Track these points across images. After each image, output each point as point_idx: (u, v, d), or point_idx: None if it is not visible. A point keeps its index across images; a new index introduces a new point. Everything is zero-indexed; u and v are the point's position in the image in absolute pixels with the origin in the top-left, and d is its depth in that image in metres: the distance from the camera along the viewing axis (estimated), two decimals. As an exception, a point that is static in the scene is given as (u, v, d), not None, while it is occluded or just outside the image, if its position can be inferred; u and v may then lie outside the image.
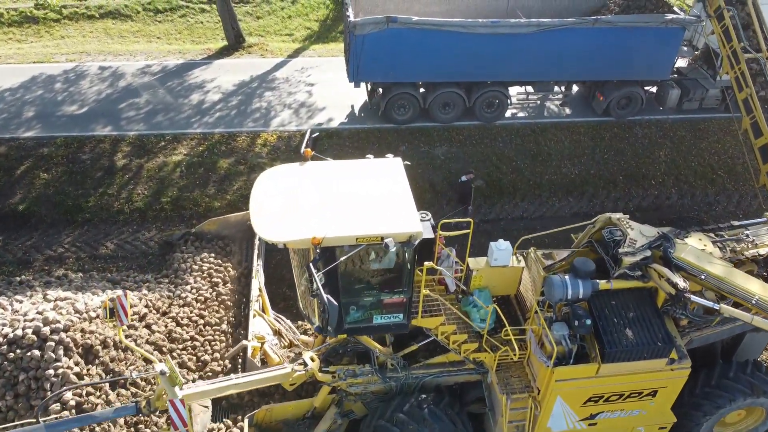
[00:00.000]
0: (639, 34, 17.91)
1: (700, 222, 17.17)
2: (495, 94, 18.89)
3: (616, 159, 18.51)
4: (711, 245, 10.22)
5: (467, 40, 17.48)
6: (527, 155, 18.42)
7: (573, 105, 20.63)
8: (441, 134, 18.98)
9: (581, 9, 20.16)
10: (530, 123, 19.63)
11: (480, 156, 18.31)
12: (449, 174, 17.77)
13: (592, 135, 19.22)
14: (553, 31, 17.56)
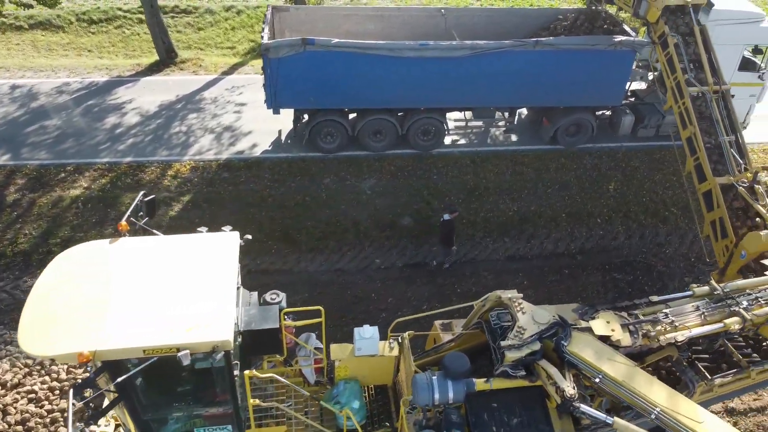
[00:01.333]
0: (585, 57, 16.33)
1: (647, 267, 15.59)
2: (430, 121, 17.31)
3: (560, 193, 16.92)
4: (620, 329, 8.63)
5: (394, 64, 15.88)
6: (463, 189, 16.83)
7: (521, 132, 19.05)
8: (371, 165, 17.39)
9: (531, 28, 18.54)
10: (470, 152, 18.05)
11: (411, 190, 16.71)
12: (375, 211, 16.18)
13: (536, 166, 17.63)
14: (489, 54, 15.97)
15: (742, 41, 16.82)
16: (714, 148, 12.69)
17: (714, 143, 12.67)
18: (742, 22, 16.60)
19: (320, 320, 8.11)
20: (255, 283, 14.49)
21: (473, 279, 14.99)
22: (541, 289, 14.80)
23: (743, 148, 12.77)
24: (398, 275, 15.10)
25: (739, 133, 12.88)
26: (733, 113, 13.00)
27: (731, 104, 13.07)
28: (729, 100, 13.10)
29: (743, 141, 12.82)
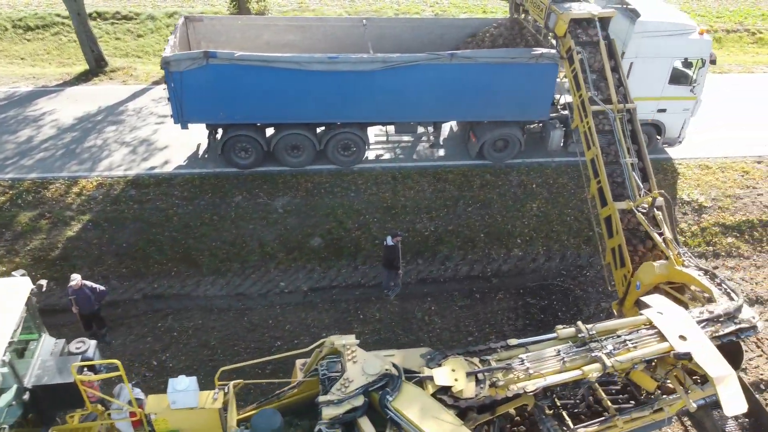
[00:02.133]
0: (505, 71, 15.64)
1: (564, 291, 14.89)
2: (349, 136, 16.63)
3: (481, 212, 16.23)
4: (464, 378, 7.96)
5: (303, 78, 15.19)
6: (379, 208, 16.14)
7: (449, 146, 18.37)
8: (287, 181, 16.70)
9: (457, 38, 17.86)
10: (393, 168, 17.35)
11: (325, 209, 16.02)
12: (284, 231, 15.49)
13: (459, 182, 16.93)
14: (403, 68, 15.28)
15: (671, 54, 16.12)
16: (617, 170, 12.01)
17: (617, 165, 11.98)
18: (670, 35, 15.91)
19: (117, 374, 7.42)
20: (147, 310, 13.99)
21: (378, 304, 14.31)
22: (449, 315, 14.11)
23: (648, 170, 12.08)
24: (301, 300, 14.42)
25: (644, 154, 12.18)
26: (639, 133, 12.30)
27: (637, 124, 12.37)
28: (635, 120, 12.40)
29: (648, 163, 12.13)
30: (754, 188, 17.24)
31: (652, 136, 17.64)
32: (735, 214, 16.52)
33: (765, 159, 18.29)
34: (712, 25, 27.42)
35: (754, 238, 16.13)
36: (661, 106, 16.96)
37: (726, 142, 18.95)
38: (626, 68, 16.15)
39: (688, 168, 17.82)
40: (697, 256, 15.77)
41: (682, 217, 16.41)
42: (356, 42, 17.45)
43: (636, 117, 12.42)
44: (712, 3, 30.49)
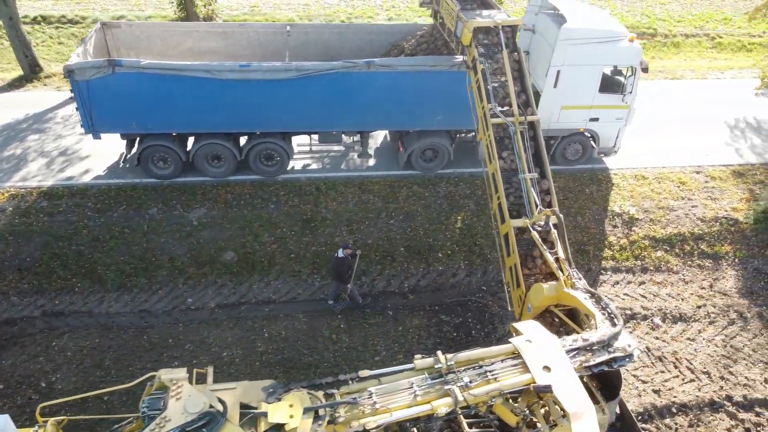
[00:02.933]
0: (427, 79, 15.15)
1: (481, 308, 14.36)
2: (270, 146, 16.14)
3: (404, 225, 15.72)
4: (299, 415, 7.44)
5: (217, 87, 14.71)
6: (298, 220, 15.64)
7: (380, 155, 17.88)
8: (207, 192, 16.20)
9: (385, 44, 17.36)
10: (318, 178, 16.86)
11: (241, 221, 15.52)
12: (197, 245, 14.99)
13: (385, 194, 16.44)
14: (319, 77, 14.79)
15: (600, 62, 15.63)
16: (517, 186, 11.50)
17: (516, 181, 11.48)
18: (599, 41, 15.41)
19: None
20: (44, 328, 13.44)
21: (286, 321, 13.79)
22: (358, 333, 13.60)
23: (550, 186, 11.57)
24: (207, 318, 13.91)
25: (546, 169, 11.67)
26: (542, 147, 11.79)
27: (540, 137, 11.86)
28: (538, 133, 11.89)
29: (550, 178, 11.61)
30: (689, 200, 16.74)
31: (586, 145, 17.16)
32: (666, 227, 16.01)
33: (704, 169, 17.79)
34: (671, 29, 26.96)
35: (684, 252, 15.63)
36: (593, 115, 16.47)
37: (667, 151, 18.47)
38: (554, 76, 15.72)
39: (623, 178, 17.32)
40: (625, 270, 15.29)
41: (611, 230, 15.91)
42: (280, 49, 16.98)
43: (539, 130, 11.90)
44: (676, 7, 30.01)
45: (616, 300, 14.56)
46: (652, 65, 24.75)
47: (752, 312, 14.40)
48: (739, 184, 17.26)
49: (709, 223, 16.13)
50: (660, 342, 13.67)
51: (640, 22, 27.29)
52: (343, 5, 28.07)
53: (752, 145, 18.95)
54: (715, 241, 15.82)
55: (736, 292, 14.91)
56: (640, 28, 26.74)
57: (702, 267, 15.43)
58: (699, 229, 15.99)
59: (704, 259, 15.58)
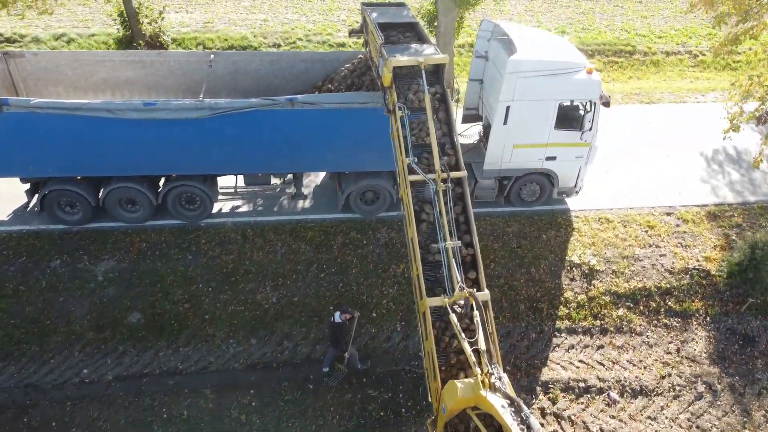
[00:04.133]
0: (358, 117, 13.48)
1: (415, 380, 12.67)
2: (189, 189, 14.49)
3: (336, 278, 14.06)
4: None
5: (123, 127, 13.05)
6: (218, 274, 13.97)
7: (319, 195, 16.21)
8: (119, 241, 14.54)
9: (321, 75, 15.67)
10: (246, 223, 15.18)
11: (153, 275, 13.86)
12: (100, 304, 13.33)
13: (319, 241, 14.77)
14: (237, 115, 13.14)
15: (554, 96, 13.96)
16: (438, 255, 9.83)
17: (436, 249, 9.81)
18: (551, 74, 13.75)
19: None
20: None
21: (191, 399, 12.11)
22: (271, 412, 11.92)
23: (476, 258, 9.88)
24: (102, 393, 12.23)
25: (473, 235, 10.00)
26: (468, 209, 10.12)
27: (467, 197, 10.19)
28: (465, 192, 10.22)
29: (477, 247, 9.93)
30: (657, 247, 15.06)
31: (544, 186, 15.49)
32: (630, 280, 14.33)
33: (675, 210, 16.11)
34: (651, 46, 25.29)
35: (649, 310, 13.95)
36: (549, 153, 14.79)
37: (636, 189, 16.79)
38: (503, 113, 14.06)
39: (585, 222, 15.64)
40: (582, 332, 13.62)
41: (569, 283, 14.22)
42: (204, 79, 15.33)
43: (466, 188, 10.24)
44: (658, 21, 28.33)
45: (570, 369, 12.88)
46: (629, 86, 23.12)
47: (723, 383, 12.73)
48: (714, 228, 15.58)
49: (678, 275, 14.45)
50: (616, 422, 12.00)
51: (618, 39, 25.63)
52: (303, 20, 26.42)
53: (730, 181, 17.27)
54: (685, 297, 14.14)
55: (706, 357, 13.23)
56: (617, 45, 25.09)
57: (669, 327, 13.75)
58: (667, 283, 14.30)
59: (671, 317, 13.90)
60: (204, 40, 24.04)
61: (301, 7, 27.90)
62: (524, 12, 28.40)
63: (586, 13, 28.75)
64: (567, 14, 28.69)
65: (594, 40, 25.33)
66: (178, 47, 23.76)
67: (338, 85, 14.63)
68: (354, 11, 27.75)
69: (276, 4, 28.16)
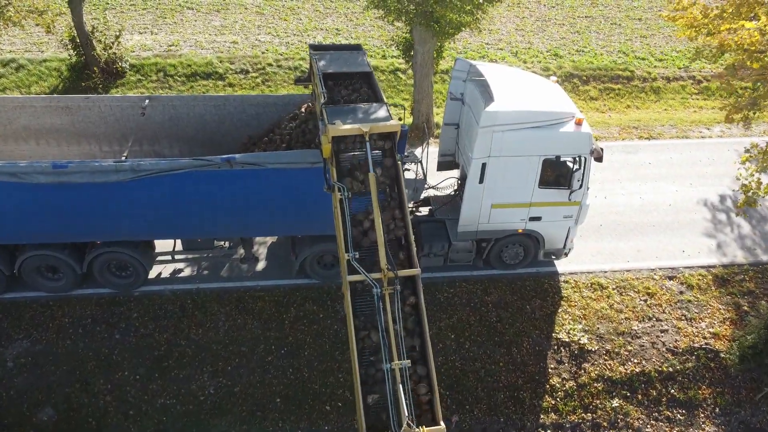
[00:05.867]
0: (308, 177, 11.45)
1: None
2: (116, 256, 12.60)
3: (286, 362, 12.13)
4: None
5: (33, 191, 11.15)
6: (148, 357, 12.06)
7: (272, 257, 14.27)
8: (37, 315, 12.64)
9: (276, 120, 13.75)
10: (187, 291, 13.28)
11: (73, 360, 11.95)
12: (7, 397, 11.42)
13: (268, 314, 12.86)
14: (165, 177, 11.22)
15: (537, 152, 12.03)
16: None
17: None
18: (534, 127, 11.84)
19: None
20: None
21: None
22: None
23: (431, 382, 7.94)
24: None
25: (428, 353, 8.07)
26: (423, 317, 8.20)
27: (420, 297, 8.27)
28: (419, 294, 8.31)
29: (432, 369, 7.99)
30: (657, 321, 13.12)
31: (529, 248, 13.56)
32: (627, 363, 12.39)
33: (678, 273, 14.15)
34: (651, 71, 23.34)
35: (649, 399, 12.01)
36: (533, 213, 12.87)
37: (633, 246, 14.82)
38: (478, 170, 12.14)
39: (576, 288, 13.69)
40: (570, 428, 11.67)
41: (555, 367, 12.29)
42: (142, 126, 13.45)
43: (419, 286, 8.32)
44: (658, 40, 26.36)
45: (555, 478, 10.97)
46: (627, 117, 21.20)
47: (736, 497, 10.81)
48: (723, 296, 13.62)
49: (682, 356, 12.50)
50: None
51: (615, 63, 23.67)
52: (276, 42, 24.50)
53: (739, 235, 15.30)
54: (690, 383, 12.20)
55: (715, 460, 11.32)
56: (614, 70, 23.15)
57: (671, 421, 11.81)
58: (669, 366, 12.36)
59: (675, 408, 11.96)
60: (165, 66, 22.17)
61: (274, 27, 25.96)
62: (515, 32, 26.45)
63: (581, 33, 26.78)
64: (561, 33, 26.72)
65: (589, 65, 23.39)
66: (137, 74, 21.90)
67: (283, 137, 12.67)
68: (331, 31, 25.87)
69: (248, 24, 26.22)
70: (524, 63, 23.74)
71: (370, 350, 8.15)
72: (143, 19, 26.36)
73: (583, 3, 29.72)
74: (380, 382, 7.94)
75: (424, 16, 16.25)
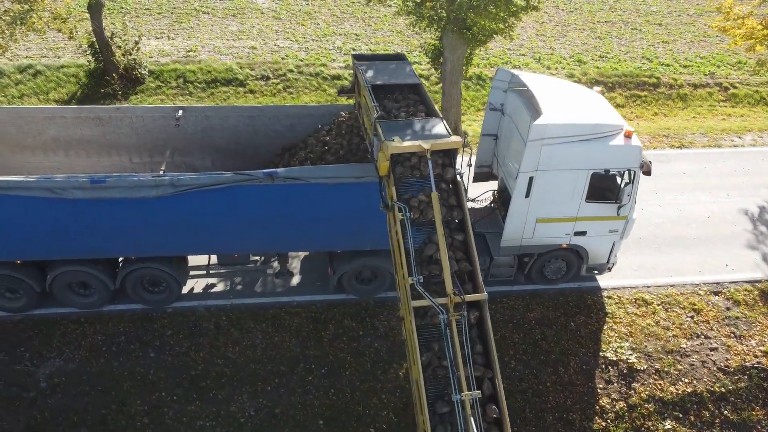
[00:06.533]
0: (351, 192, 11.18)
1: None
2: (151, 272, 12.24)
3: (327, 382, 11.75)
4: None
5: (66, 207, 10.78)
6: (185, 377, 11.68)
7: (306, 271, 13.90)
8: (69, 333, 12.27)
9: (311, 131, 13.42)
10: (221, 307, 12.92)
11: (108, 380, 11.57)
12: (41, 420, 11.01)
13: (306, 332, 12.49)
14: (205, 192, 10.86)
15: (586, 165, 11.70)
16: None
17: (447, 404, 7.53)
18: (583, 140, 11.49)
19: None
20: None
21: None
22: None
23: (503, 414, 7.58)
24: None
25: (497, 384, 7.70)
26: (490, 341, 7.83)
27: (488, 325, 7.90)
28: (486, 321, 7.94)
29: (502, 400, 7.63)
30: (706, 338, 12.77)
31: (571, 263, 13.22)
32: (677, 382, 12.04)
33: (724, 288, 13.81)
34: (677, 78, 23.01)
35: (702, 421, 11.65)
36: (578, 228, 12.54)
37: (675, 260, 14.49)
38: (524, 184, 11.79)
39: (619, 304, 13.35)
40: (622, 450, 11.32)
41: (604, 387, 11.94)
42: (173, 137, 13.10)
43: (486, 313, 7.97)
44: (681, 46, 26.06)
45: (610, 504, 10.61)
46: (655, 125, 20.87)
47: None
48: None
49: (734, 376, 12.16)
50: None
51: (640, 69, 23.34)
52: (295, 48, 24.15)
53: (783, 247, 15.01)
54: (744, 404, 11.84)
55: (773, 484, 10.97)
56: (640, 77, 22.81)
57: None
58: (721, 386, 12.01)
59: (729, 429, 11.59)
60: (185, 72, 21.80)
61: (293, 32, 25.63)
62: (535, 37, 26.11)
63: (602, 38, 26.46)
64: (581, 39, 26.41)
65: (614, 71, 23.04)
66: (156, 80, 21.53)
67: (321, 148, 12.31)
68: (351, 36, 25.52)
69: (266, 29, 25.88)
70: (548, 69, 23.42)
71: (434, 379, 7.80)
72: (159, 24, 26.02)
73: (601, 8, 29.47)
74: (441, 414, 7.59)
75: (457, 23, 15.93)
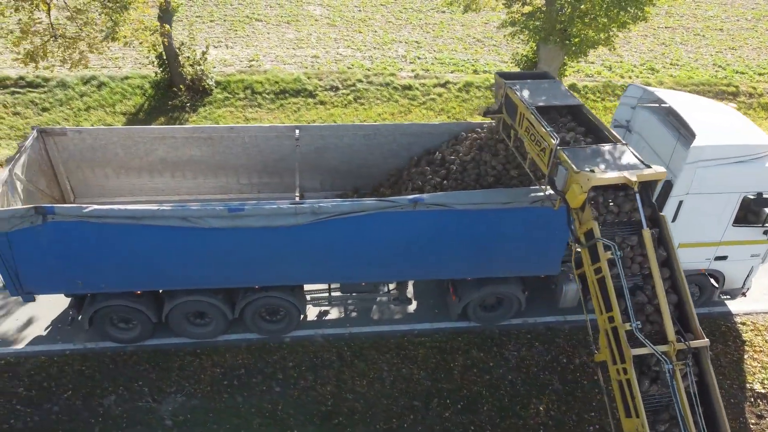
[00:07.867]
0: (494, 218, 10.58)
1: None
2: (272, 301, 11.64)
3: (465, 418, 11.11)
4: None
5: (196, 236, 10.18)
6: (315, 414, 11.05)
7: (422, 296, 13.30)
8: (186, 366, 11.66)
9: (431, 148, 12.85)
10: (340, 336, 12.32)
11: (236, 416, 10.94)
12: (170, 461, 10.45)
13: (434, 363, 11.88)
14: (343, 220, 10.26)
15: (737, 188, 11.09)
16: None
17: None
18: (737, 162, 10.87)
19: None
20: None
21: None
22: None
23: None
24: None
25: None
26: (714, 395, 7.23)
27: (712, 377, 7.31)
28: (706, 368, 7.34)
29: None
30: None
31: (705, 287, 12.61)
32: (832, 416, 11.44)
33: None
34: (756, 86, 22.40)
35: None
36: (720, 252, 11.93)
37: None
38: (674, 208, 11.17)
39: (756, 331, 12.74)
40: (783, 491, 10.70)
41: (756, 422, 11.31)
42: (287, 156, 12.55)
43: (709, 363, 7.36)
44: (748, 51, 25.45)
45: None
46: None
47: None
48: None
49: None
50: None
51: (715, 77, 22.74)
52: (358, 56, 23.57)
53: None
54: None
55: None
56: (718, 86, 22.21)
57: None
58: None
59: None
60: (252, 82, 21.21)
61: (353, 39, 25.06)
62: (600, 44, 25.46)
63: (668, 45, 25.86)
64: (647, 45, 25.81)
65: (690, 80, 22.44)
66: (223, 91, 20.96)
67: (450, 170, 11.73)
68: (412, 44, 24.91)
69: (324, 37, 25.31)
70: (621, 78, 22.82)
71: None
72: (213, 32, 25.49)
73: (657, 12, 28.78)
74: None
75: (561, 34, 15.33)
